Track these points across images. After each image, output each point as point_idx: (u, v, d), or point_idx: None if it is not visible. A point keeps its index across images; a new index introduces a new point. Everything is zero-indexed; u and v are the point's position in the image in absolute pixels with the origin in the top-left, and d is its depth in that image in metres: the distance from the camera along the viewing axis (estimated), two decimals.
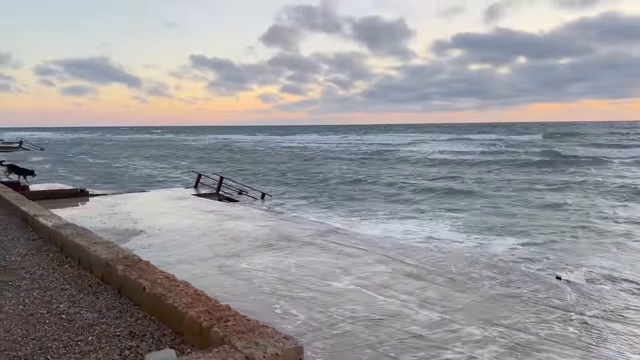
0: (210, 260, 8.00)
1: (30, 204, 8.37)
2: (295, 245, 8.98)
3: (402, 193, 21.69)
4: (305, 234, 9.97)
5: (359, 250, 8.61)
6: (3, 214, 8.46)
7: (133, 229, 10.28)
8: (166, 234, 9.98)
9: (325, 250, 8.57)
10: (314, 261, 7.82)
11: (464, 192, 21.29)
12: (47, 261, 5.36)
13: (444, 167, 32.90)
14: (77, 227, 6.07)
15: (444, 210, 16.76)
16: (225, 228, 10.57)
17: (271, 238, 9.65)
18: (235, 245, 9.04)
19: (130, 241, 9.23)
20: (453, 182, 24.42)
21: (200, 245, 9.00)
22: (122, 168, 36.61)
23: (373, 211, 16.48)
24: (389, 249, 8.78)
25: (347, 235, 10.08)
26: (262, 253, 8.44)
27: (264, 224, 11.19)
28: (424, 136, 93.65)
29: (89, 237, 5.50)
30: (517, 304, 5.99)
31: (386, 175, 29.54)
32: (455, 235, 13.16)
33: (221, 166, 38.17)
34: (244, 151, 60.99)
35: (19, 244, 6.21)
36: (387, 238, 11.50)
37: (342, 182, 26.30)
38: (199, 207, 13.39)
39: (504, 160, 37.92)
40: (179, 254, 8.41)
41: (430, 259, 8.09)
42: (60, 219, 6.85)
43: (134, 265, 4.32)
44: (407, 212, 16.64)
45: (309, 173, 32.30)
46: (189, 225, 10.83)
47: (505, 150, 50.11)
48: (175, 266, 7.54)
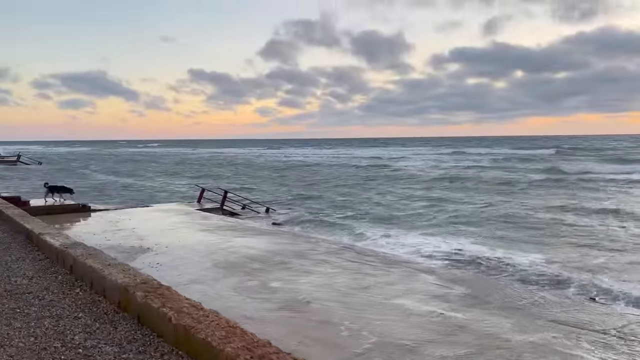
0: (223, 279, 7.63)
1: (34, 221, 7.99)
2: (310, 263, 8.61)
3: (413, 207, 21.30)
4: (319, 251, 9.60)
5: (380, 268, 8.24)
6: (5, 232, 8.07)
7: (140, 247, 9.89)
8: (174, 251, 9.59)
9: (344, 269, 8.19)
10: (336, 282, 7.44)
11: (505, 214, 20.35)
12: (56, 285, 4.98)
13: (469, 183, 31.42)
14: (86, 247, 5.70)
15: (464, 225, 16.30)
16: (235, 245, 10.20)
17: (284, 255, 9.28)
18: (248, 263, 8.66)
19: (138, 259, 8.84)
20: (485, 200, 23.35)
21: (211, 264, 8.62)
22: (122, 182, 36.20)
23: (382, 225, 16.10)
24: (409, 264, 8.42)
25: (363, 253, 9.71)
26: (277, 272, 8.07)
27: (274, 240, 10.82)
28: (439, 150, 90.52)
29: (101, 258, 5.13)
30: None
31: (394, 189, 29.12)
32: (475, 248, 12.64)
33: (221, 179, 37.78)
34: (244, 164, 60.64)
35: (24, 265, 5.83)
36: (403, 253, 11.09)
37: (344, 196, 25.94)
38: (205, 223, 13.01)
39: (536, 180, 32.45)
40: (190, 273, 8.03)
41: (471, 280, 7.73)
42: (67, 237, 6.47)
43: (155, 291, 3.96)
44: (424, 226, 16.22)
45: (311, 186, 31.96)
46: (197, 242, 10.45)
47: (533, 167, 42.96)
48: (188, 287, 7.16)
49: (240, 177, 41.91)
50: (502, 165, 47.00)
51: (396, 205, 21.91)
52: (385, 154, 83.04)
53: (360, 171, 46.08)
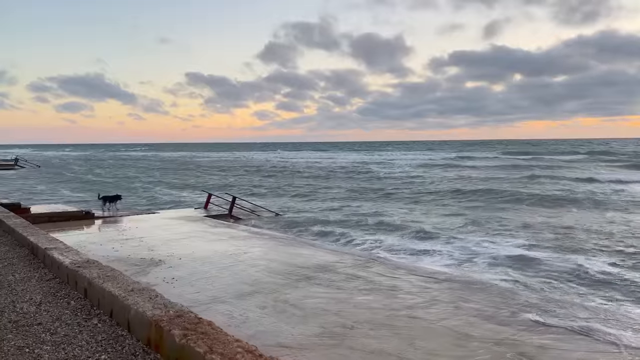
0: (248, 297, 6.91)
1: (38, 233, 7.27)
2: (339, 279, 7.90)
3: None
4: (344, 264, 8.90)
5: (416, 284, 7.53)
6: (7, 245, 7.35)
7: (151, 259, 9.17)
8: (188, 264, 8.88)
9: (377, 285, 7.49)
10: (373, 300, 6.72)
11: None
12: (69, 313, 4.26)
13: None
14: (102, 267, 4.98)
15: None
16: (253, 256, 9.49)
17: (307, 268, 8.57)
18: (270, 277, 7.96)
19: (151, 273, 8.13)
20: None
21: (230, 279, 7.91)
22: (124, 187, 35.43)
23: (397, 231, 15.38)
24: (447, 280, 7.71)
25: (391, 264, 9.01)
26: (304, 288, 7.36)
27: (294, 251, 10.12)
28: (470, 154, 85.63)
29: (121, 281, 4.41)
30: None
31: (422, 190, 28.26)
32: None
33: (224, 183, 37.06)
34: (246, 168, 59.93)
35: (30, 287, 5.11)
36: (432, 265, 10.32)
37: (354, 199, 25.24)
38: (217, 232, 12.29)
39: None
40: (209, 289, 7.32)
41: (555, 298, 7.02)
42: (78, 253, 5.75)
43: (195, 328, 3.25)
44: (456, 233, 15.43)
45: (316, 190, 31.26)
46: (212, 253, 9.73)
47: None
48: (210, 306, 6.46)
49: (247, 181, 41.19)
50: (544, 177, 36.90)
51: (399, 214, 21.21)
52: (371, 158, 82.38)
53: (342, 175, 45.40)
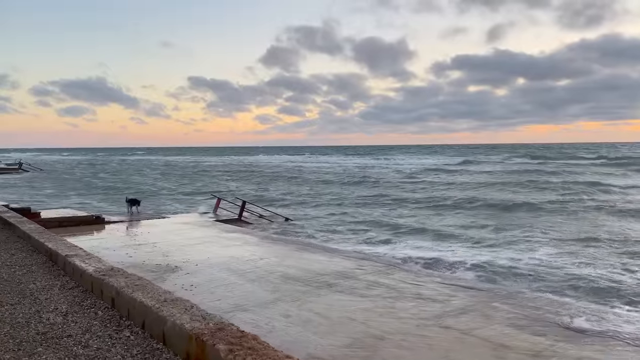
0: (271, 305, 6.73)
1: (55, 239, 7.11)
2: (361, 286, 7.72)
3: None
4: (364, 270, 8.72)
5: (441, 292, 7.34)
6: (23, 251, 7.19)
7: (167, 265, 9.00)
8: (205, 270, 8.71)
9: (402, 293, 7.30)
10: (400, 309, 6.54)
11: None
12: (98, 324, 4.09)
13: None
14: (128, 275, 4.82)
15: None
16: (270, 262, 9.31)
17: (327, 275, 8.40)
18: (290, 284, 7.78)
19: (168, 280, 7.96)
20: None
21: (249, 285, 7.74)
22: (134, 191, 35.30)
23: (415, 237, 15.18)
24: (473, 288, 7.52)
25: (413, 271, 8.82)
26: (327, 296, 7.18)
27: (310, 256, 9.94)
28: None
29: (151, 290, 4.24)
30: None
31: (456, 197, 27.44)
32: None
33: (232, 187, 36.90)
34: (255, 172, 59.75)
35: (54, 296, 4.94)
36: (457, 270, 10.11)
37: (365, 204, 25.05)
38: (231, 237, 12.12)
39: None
40: (230, 297, 7.15)
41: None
42: (100, 260, 5.59)
43: (240, 342, 3.08)
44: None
45: (322, 194, 31.09)
46: (228, 259, 9.57)
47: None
48: (233, 315, 6.28)
49: (251, 185, 41.03)
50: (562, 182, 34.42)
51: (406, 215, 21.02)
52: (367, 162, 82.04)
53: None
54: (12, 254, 6.98)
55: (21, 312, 4.41)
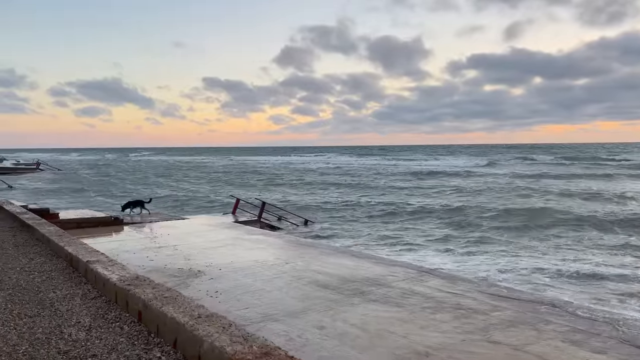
0: (302, 315, 6.32)
1: (76, 243, 6.78)
2: (395, 294, 7.27)
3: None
4: (396, 277, 8.27)
5: (483, 301, 6.86)
6: (42, 256, 6.87)
7: (189, 269, 8.65)
8: (229, 275, 8.34)
9: (440, 303, 6.84)
10: (441, 322, 6.08)
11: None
12: (124, 342, 3.71)
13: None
14: (155, 285, 4.43)
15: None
16: (296, 267, 8.91)
17: (357, 281, 7.97)
18: (320, 292, 7.36)
19: (192, 286, 7.60)
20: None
21: (277, 293, 7.34)
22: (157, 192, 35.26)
23: (446, 242, 14.68)
24: (516, 298, 7.02)
25: (448, 278, 8.34)
26: (360, 305, 6.75)
27: (336, 260, 9.51)
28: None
29: (182, 303, 3.85)
30: None
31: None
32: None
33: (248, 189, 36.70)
34: (266, 172, 59.61)
35: (75, 306, 4.57)
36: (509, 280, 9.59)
37: (387, 205, 24.57)
38: (252, 239, 11.75)
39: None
40: (257, 304, 6.75)
41: None
42: (124, 267, 5.22)
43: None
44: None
45: (342, 196, 30.68)
46: (252, 263, 9.18)
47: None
48: (263, 326, 5.89)
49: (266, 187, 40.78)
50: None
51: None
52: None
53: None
54: (31, 259, 6.66)
55: (41, 326, 4.05)
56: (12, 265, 6.29)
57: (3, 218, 10.98)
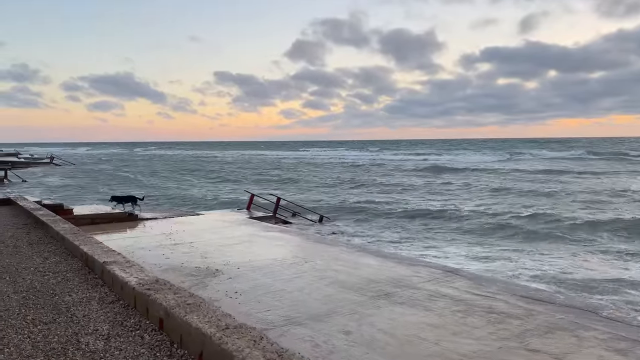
0: (326, 319, 6.03)
1: (91, 241, 6.55)
2: (422, 296, 6.95)
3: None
4: (421, 278, 7.95)
5: (514, 304, 6.52)
6: (57, 255, 6.65)
7: (207, 268, 8.40)
8: (248, 274, 8.08)
9: (470, 306, 6.51)
10: (473, 327, 5.75)
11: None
12: (146, 353, 3.44)
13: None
14: (177, 290, 4.16)
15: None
16: (316, 267, 8.62)
17: (381, 282, 7.66)
18: (343, 293, 7.07)
19: (210, 286, 7.34)
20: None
21: (298, 294, 7.06)
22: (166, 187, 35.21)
23: (468, 239, 14.31)
24: (551, 302, 6.67)
25: (476, 279, 8.00)
26: (387, 308, 6.44)
27: (358, 259, 9.21)
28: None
29: (206, 312, 3.58)
30: None
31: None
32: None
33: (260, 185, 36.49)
34: (282, 167, 59.42)
35: (92, 312, 4.32)
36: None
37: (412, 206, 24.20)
38: (268, 236, 11.49)
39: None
40: (279, 306, 6.48)
41: None
42: (142, 270, 4.96)
43: None
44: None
45: (353, 190, 30.35)
46: (271, 262, 8.92)
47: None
48: (286, 330, 5.61)
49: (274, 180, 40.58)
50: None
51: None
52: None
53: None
54: (45, 258, 6.45)
55: (56, 334, 3.80)
56: (26, 265, 6.08)
57: (17, 214, 10.83)
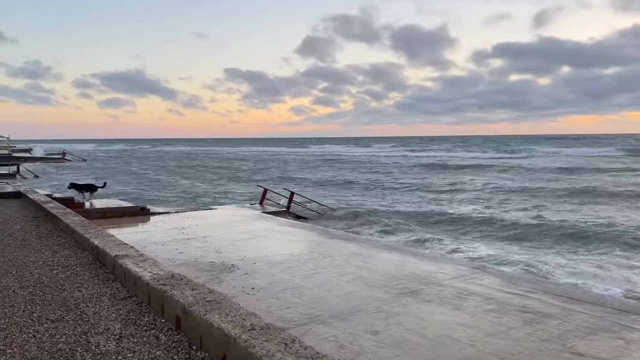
0: (350, 317, 5.67)
1: (102, 235, 6.23)
2: (450, 294, 6.56)
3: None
4: (447, 274, 7.56)
5: (551, 303, 6.11)
6: (66, 248, 6.34)
7: (222, 263, 8.07)
8: (265, 269, 7.74)
9: (503, 305, 6.11)
10: (509, 328, 5.35)
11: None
12: (162, 356, 3.10)
13: None
14: (195, 285, 3.82)
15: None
16: (335, 262, 8.26)
17: (405, 279, 7.29)
18: (366, 290, 6.70)
19: (226, 282, 7.01)
20: None
21: (318, 290, 6.70)
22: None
23: (493, 234, 13.87)
24: (589, 302, 6.24)
25: (504, 276, 7.59)
26: (413, 306, 6.06)
27: (378, 255, 8.85)
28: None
29: (228, 309, 3.22)
30: None
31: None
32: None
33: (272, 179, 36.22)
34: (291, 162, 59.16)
35: (103, 309, 3.99)
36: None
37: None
38: (283, 230, 11.15)
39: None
40: (299, 304, 6.12)
41: None
42: (156, 264, 4.63)
43: None
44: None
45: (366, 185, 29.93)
46: (287, 257, 8.58)
47: None
48: (308, 329, 5.25)
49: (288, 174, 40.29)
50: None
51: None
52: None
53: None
54: (55, 251, 6.15)
55: (64, 333, 3.47)
56: (34, 258, 5.78)
57: (27, 207, 10.59)
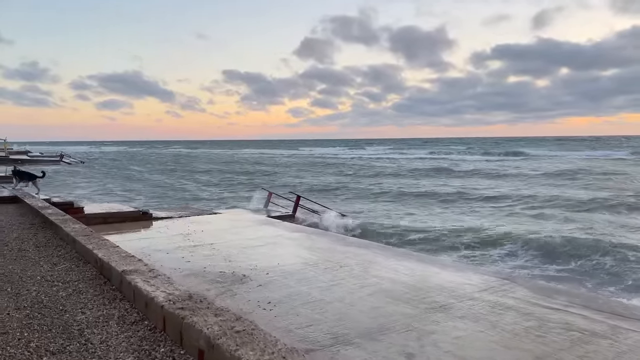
0: (380, 337, 5.15)
1: (105, 245, 5.70)
2: (483, 309, 6.05)
3: None
4: (475, 286, 7.05)
5: (594, 319, 5.60)
6: (67, 260, 5.81)
7: (232, 273, 7.55)
8: (279, 280, 7.22)
9: (543, 322, 5.60)
10: (552, 347, 4.84)
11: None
12: None
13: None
14: (218, 310, 3.30)
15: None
16: (353, 273, 7.75)
17: (431, 291, 6.78)
18: (393, 305, 6.18)
19: (239, 295, 6.49)
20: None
21: (340, 305, 6.18)
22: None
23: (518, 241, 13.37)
24: (636, 318, 5.74)
25: (537, 288, 7.08)
26: (446, 323, 5.55)
27: (398, 265, 8.32)
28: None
29: (264, 343, 2.70)
30: None
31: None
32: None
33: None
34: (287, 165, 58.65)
35: (111, 337, 3.46)
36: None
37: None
38: (293, 237, 10.63)
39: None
40: (321, 321, 5.60)
41: None
42: (170, 281, 4.10)
43: None
44: None
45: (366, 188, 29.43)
46: (302, 266, 8.06)
47: None
48: (337, 351, 4.74)
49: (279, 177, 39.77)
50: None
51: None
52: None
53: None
54: (54, 264, 5.61)
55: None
56: (31, 272, 5.25)
57: (24, 213, 10.05)
